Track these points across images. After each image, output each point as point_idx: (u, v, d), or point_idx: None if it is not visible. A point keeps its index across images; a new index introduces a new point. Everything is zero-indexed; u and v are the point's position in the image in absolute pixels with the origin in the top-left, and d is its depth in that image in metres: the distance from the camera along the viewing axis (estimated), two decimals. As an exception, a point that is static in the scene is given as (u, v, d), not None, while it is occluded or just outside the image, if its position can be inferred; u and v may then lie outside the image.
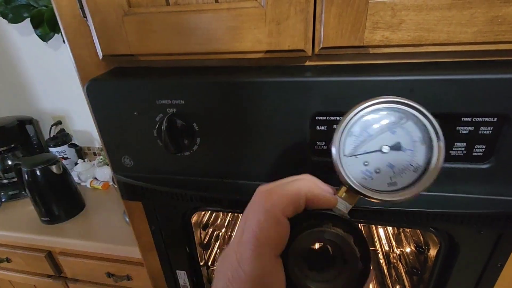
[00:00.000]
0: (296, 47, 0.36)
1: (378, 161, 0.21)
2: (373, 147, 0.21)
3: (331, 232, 0.20)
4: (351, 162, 0.22)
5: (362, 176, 0.22)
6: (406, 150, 0.21)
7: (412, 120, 0.21)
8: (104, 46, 0.40)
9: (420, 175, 0.20)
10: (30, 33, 1.15)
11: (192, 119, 0.39)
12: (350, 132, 0.22)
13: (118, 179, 0.46)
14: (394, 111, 0.21)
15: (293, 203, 0.20)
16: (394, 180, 0.21)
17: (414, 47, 0.34)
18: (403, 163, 0.21)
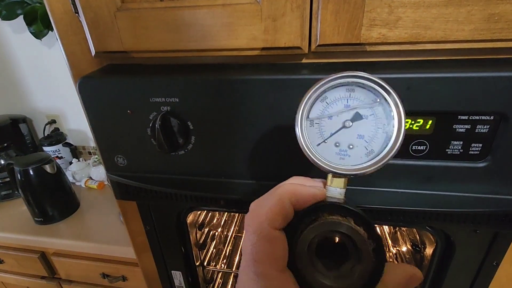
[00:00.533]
0: (293, 44, 0.35)
1: (347, 137, 0.22)
2: (337, 126, 0.22)
3: (328, 222, 0.19)
4: (323, 149, 0.22)
5: (339, 157, 0.22)
6: (366, 116, 0.21)
7: (359, 87, 0.21)
8: (96, 43, 0.40)
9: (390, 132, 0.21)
10: (23, 31, 1.14)
11: (187, 117, 0.38)
12: (310, 122, 0.22)
13: (111, 179, 0.46)
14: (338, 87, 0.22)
15: (279, 213, 0.19)
16: (370, 148, 0.21)
17: (411, 45, 0.33)
18: (370, 129, 0.21)
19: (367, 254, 0.19)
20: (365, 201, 0.39)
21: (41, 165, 0.95)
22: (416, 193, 0.37)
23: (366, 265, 0.19)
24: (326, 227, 0.19)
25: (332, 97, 0.22)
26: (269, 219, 0.19)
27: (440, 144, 0.35)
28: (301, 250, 0.19)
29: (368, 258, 0.19)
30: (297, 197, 0.20)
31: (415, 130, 0.34)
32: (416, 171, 0.36)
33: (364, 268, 0.19)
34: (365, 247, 0.19)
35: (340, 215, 0.20)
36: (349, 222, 0.19)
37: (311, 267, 0.19)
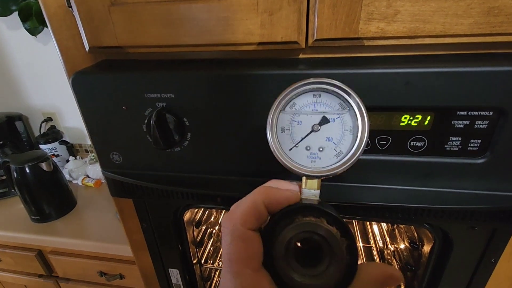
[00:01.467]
0: (289, 39, 0.35)
1: (317, 140, 0.23)
2: (306, 130, 0.23)
3: (302, 223, 0.20)
4: (294, 153, 0.23)
5: (310, 160, 0.23)
6: (333, 119, 0.23)
7: (324, 92, 0.23)
8: (90, 38, 0.39)
9: (356, 133, 0.22)
10: (18, 27, 1.13)
11: (183, 113, 0.38)
12: (281, 128, 0.24)
13: (107, 176, 0.45)
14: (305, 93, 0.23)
15: (252, 215, 0.20)
16: (339, 149, 0.23)
17: (409, 39, 0.33)
18: (337, 131, 0.23)
19: (341, 252, 0.20)
20: (362, 198, 0.39)
21: (37, 163, 0.94)
22: (414, 190, 0.37)
23: (340, 262, 0.20)
24: (300, 228, 0.20)
25: (300, 103, 0.23)
26: (242, 220, 0.20)
27: (438, 140, 0.34)
28: (277, 251, 0.20)
29: (341, 256, 0.20)
30: (270, 199, 0.21)
31: (414, 126, 0.34)
32: (414, 168, 0.36)
33: (338, 266, 0.20)
34: (338, 245, 0.20)
35: (313, 216, 0.20)
36: (322, 222, 0.20)
37: (288, 267, 0.20)
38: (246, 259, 0.19)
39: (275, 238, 0.20)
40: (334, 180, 0.38)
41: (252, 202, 0.20)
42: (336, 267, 0.20)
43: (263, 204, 0.20)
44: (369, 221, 0.85)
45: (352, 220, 0.94)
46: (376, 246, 0.84)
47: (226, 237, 0.20)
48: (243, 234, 0.20)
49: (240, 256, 0.19)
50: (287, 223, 0.20)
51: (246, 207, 0.20)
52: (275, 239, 0.20)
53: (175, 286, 0.64)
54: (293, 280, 0.20)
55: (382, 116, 0.34)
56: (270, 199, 0.21)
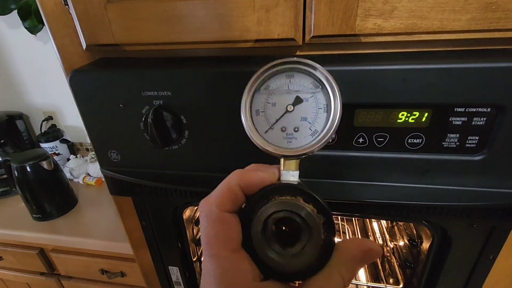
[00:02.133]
0: (286, 35, 0.34)
1: (292, 121, 0.23)
2: (280, 111, 0.23)
3: (278, 202, 0.20)
4: (271, 135, 0.23)
5: (286, 141, 0.23)
6: (307, 99, 0.23)
7: (296, 72, 0.23)
8: (87, 36, 0.39)
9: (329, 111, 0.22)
10: (18, 26, 1.13)
11: (180, 111, 0.38)
12: (256, 111, 0.23)
13: (105, 174, 0.45)
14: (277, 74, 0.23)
15: (227, 197, 0.20)
16: (314, 128, 0.23)
17: (406, 36, 0.33)
18: (311, 110, 0.23)
19: (317, 229, 0.20)
20: (361, 195, 0.38)
21: (38, 161, 0.94)
22: (412, 187, 0.37)
23: (318, 240, 0.20)
24: (277, 207, 0.20)
25: (274, 85, 0.23)
26: (217, 203, 0.20)
27: (436, 137, 0.34)
28: (255, 231, 0.20)
29: (318, 233, 0.20)
30: (245, 182, 0.21)
31: (411, 123, 0.34)
32: (412, 165, 0.36)
33: (316, 243, 0.20)
34: (314, 222, 0.20)
35: (289, 195, 0.20)
36: (297, 200, 0.20)
37: (266, 247, 0.20)
38: (224, 241, 0.20)
39: (253, 218, 0.20)
40: (333, 178, 0.38)
41: (227, 185, 0.20)
42: (314, 245, 0.20)
43: (239, 186, 0.20)
44: (368, 219, 0.85)
45: (352, 217, 0.94)
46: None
47: (203, 220, 0.20)
48: (219, 216, 0.20)
49: (218, 239, 0.19)
50: (264, 203, 0.20)
51: (221, 190, 0.20)
52: (253, 219, 0.20)
53: (175, 283, 0.64)
54: (272, 260, 0.20)
55: (380, 113, 0.34)
56: (245, 181, 0.21)
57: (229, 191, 0.20)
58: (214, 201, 0.20)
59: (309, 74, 0.22)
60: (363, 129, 0.35)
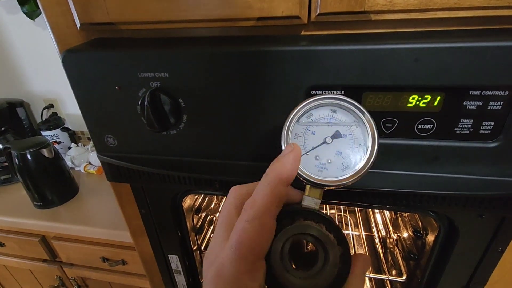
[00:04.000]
0: (291, 13, 0.32)
1: (327, 152, 0.24)
2: (318, 141, 0.24)
3: (303, 225, 0.21)
4: (304, 161, 0.24)
5: (318, 169, 0.24)
6: (345, 135, 0.24)
7: (340, 108, 0.24)
8: (81, 14, 0.37)
9: (365, 152, 0.23)
10: (17, 11, 1.10)
11: (178, 94, 0.36)
12: (295, 135, 0.25)
13: (102, 160, 0.44)
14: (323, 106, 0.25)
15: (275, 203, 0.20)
16: (346, 164, 0.24)
17: (420, 13, 0.31)
18: (347, 147, 0.24)
19: (335, 259, 0.21)
20: (367, 183, 0.37)
21: (38, 149, 0.94)
22: (421, 175, 0.35)
23: (333, 269, 0.21)
24: (300, 229, 0.21)
25: (317, 115, 0.25)
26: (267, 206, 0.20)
27: (448, 123, 0.32)
28: (275, 248, 0.21)
29: (334, 263, 0.21)
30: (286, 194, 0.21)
31: (422, 107, 0.32)
32: (421, 152, 0.34)
33: (330, 272, 0.21)
34: (334, 252, 0.21)
35: (314, 221, 0.21)
36: (321, 227, 0.21)
37: (282, 265, 0.21)
38: (256, 246, 0.20)
39: (276, 235, 0.21)
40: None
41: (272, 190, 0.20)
42: (328, 273, 0.20)
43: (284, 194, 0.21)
44: (374, 208, 0.84)
45: (355, 207, 0.93)
46: (379, 235, 0.83)
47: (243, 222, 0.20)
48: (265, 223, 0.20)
49: (252, 242, 0.20)
50: (288, 223, 0.21)
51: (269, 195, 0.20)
52: (276, 235, 0.21)
53: (175, 271, 0.64)
54: (285, 279, 0.21)
55: (389, 96, 0.32)
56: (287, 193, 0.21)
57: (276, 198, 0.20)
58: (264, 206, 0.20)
59: (352, 113, 0.24)
60: (371, 113, 0.33)
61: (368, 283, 0.78)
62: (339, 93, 0.33)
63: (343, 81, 0.31)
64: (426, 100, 0.32)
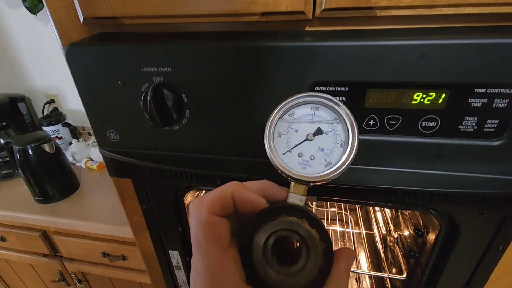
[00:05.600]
0: (295, 8, 0.32)
1: (309, 149, 0.25)
2: (301, 138, 0.25)
3: (285, 221, 0.21)
4: (287, 158, 0.25)
5: (301, 166, 0.25)
6: (327, 132, 0.25)
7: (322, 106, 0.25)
8: (84, 8, 0.37)
9: (345, 148, 0.24)
10: (19, 6, 1.10)
11: (181, 89, 0.36)
12: (278, 133, 0.25)
13: (104, 155, 0.44)
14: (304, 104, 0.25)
15: (218, 201, 0.21)
16: (329, 160, 0.24)
17: (426, 9, 0.30)
18: (329, 143, 0.24)
19: (317, 254, 0.21)
20: (369, 180, 0.37)
21: (39, 144, 0.94)
22: (424, 173, 0.35)
23: (315, 264, 0.21)
24: (282, 225, 0.21)
25: (299, 113, 0.25)
26: (208, 205, 0.21)
27: (452, 120, 0.32)
28: (258, 245, 0.21)
29: (317, 258, 0.21)
30: (239, 194, 0.22)
31: (427, 104, 0.32)
32: (424, 149, 0.34)
33: (313, 268, 0.21)
34: (316, 247, 0.21)
35: (296, 217, 0.22)
36: (303, 223, 0.21)
37: (265, 262, 0.21)
38: (213, 241, 0.21)
39: (257, 232, 0.21)
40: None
41: (222, 191, 0.22)
42: (311, 269, 0.21)
43: (231, 196, 0.22)
44: (376, 206, 0.84)
45: (356, 205, 0.93)
46: (379, 233, 0.84)
47: (193, 220, 0.21)
48: (209, 218, 0.21)
49: (207, 238, 0.21)
50: (271, 219, 0.21)
51: (214, 195, 0.22)
52: (257, 233, 0.21)
53: (175, 267, 0.64)
54: (268, 276, 0.21)
55: (393, 93, 0.32)
56: (238, 194, 0.22)
57: (222, 197, 0.22)
58: (206, 203, 0.21)
59: (333, 110, 0.24)
60: (374, 110, 0.33)
61: (368, 280, 0.78)
62: (343, 89, 0.32)
63: (347, 77, 0.31)
64: (430, 98, 0.31)
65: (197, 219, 0.21)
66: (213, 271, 0.20)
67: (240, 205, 0.22)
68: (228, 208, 0.22)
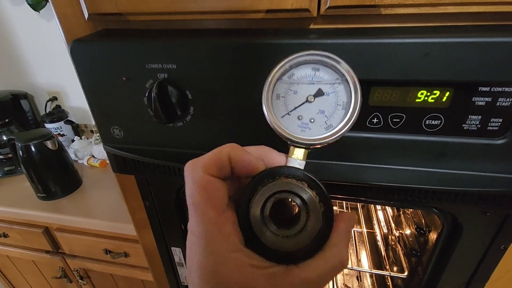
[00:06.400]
0: (300, 6, 0.32)
1: (309, 111, 0.24)
2: (300, 100, 0.24)
3: (284, 182, 0.21)
4: (286, 121, 0.24)
5: (300, 129, 0.24)
6: (328, 93, 0.23)
7: (323, 66, 0.23)
8: (89, 4, 0.37)
9: (347, 110, 0.23)
10: (21, 3, 1.10)
11: (185, 85, 0.36)
12: (277, 95, 0.24)
13: (108, 151, 0.44)
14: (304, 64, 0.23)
15: (214, 162, 0.21)
16: (329, 123, 0.23)
17: (431, 7, 0.30)
18: (330, 105, 0.23)
19: (317, 216, 0.20)
20: (372, 178, 0.37)
21: (42, 141, 0.94)
22: (427, 171, 0.35)
23: (315, 225, 0.20)
24: (281, 187, 0.21)
25: (299, 74, 0.24)
26: (204, 166, 0.20)
27: (456, 119, 0.32)
28: (256, 207, 0.21)
29: (317, 219, 0.20)
30: (235, 156, 0.21)
31: (430, 103, 0.32)
32: (428, 148, 0.34)
33: (313, 228, 0.20)
34: (315, 208, 0.20)
35: (295, 179, 0.21)
36: (303, 185, 0.21)
37: (262, 224, 0.21)
38: (210, 202, 0.20)
39: (256, 193, 0.21)
40: (343, 160, 0.37)
41: (218, 152, 0.21)
42: (310, 230, 0.20)
43: (228, 157, 0.21)
44: (378, 204, 0.84)
45: (357, 203, 0.93)
46: (381, 232, 0.84)
47: (188, 181, 0.21)
48: (205, 178, 0.20)
49: (203, 199, 0.20)
50: (269, 181, 0.21)
51: (210, 156, 0.21)
52: (256, 194, 0.21)
53: (178, 264, 0.64)
54: (266, 238, 0.20)
55: (397, 91, 0.32)
56: (235, 155, 0.21)
57: (218, 158, 0.21)
58: (201, 164, 0.20)
59: (335, 70, 0.23)
60: (378, 108, 0.33)
61: (369, 279, 0.79)
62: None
63: (351, 75, 0.31)
64: (434, 96, 0.31)
65: (192, 180, 0.20)
66: (211, 232, 0.19)
67: (237, 166, 0.21)
68: (224, 169, 0.21)
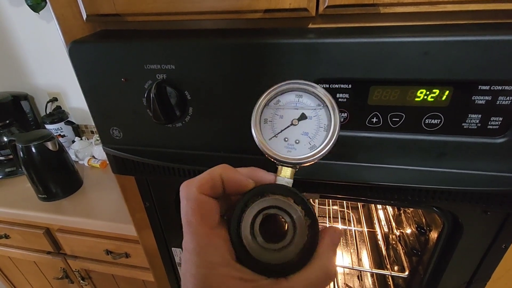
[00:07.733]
0: (299, 5, 0.32)
1: (294, 133, 0.26)
2: (286, 123, 0.26)
3: (271, 199, 0.22)
4: (274, 143, 0.26)
5: (287, 150, 0.26)
6: (311, 117, 0.26)
7: (306, 93, 0.26)
8: (87, 5, 0.37)
9: (328, 131, 0.25)
10: (21, 4, 1.10)
11: (184, 86, 0.36)
12: (264, 119, 0.26)
13: (107, 152, 0.44)
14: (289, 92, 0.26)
15: (207, 182, 0.22)
16: (313, 143, 0.26)
17: (430, 6, 0.30)
18: (313, 127, 0.26)
19: (303, 230, 0.22)
20: (372, 178, 0.37)
21: (42, 142, 0.94)
22: (427, 171, 0.35)
23: (301, 239, 0.21)
24: (269, 203, 0.22)
25: (284, 100, 0.26)
26: (197, 186, 0.22)
27: (456, 118, 0.32)
28: (246, 223, 0.22)
29: (303, 233, 0.22)
30: (227, 176, 0.23)
31: (430, 101, 0.32)
32: (427, 147, 0.34)
33: (299, 242, 0.21)
34: (301, 223, 0.22)
35: (282, 195, 0.23)
36: (289, 200, 0.22)
37: (253, 239, 0.22)
38: (202, 219, 0.21)
39: (245, 209, 0.22)
40: (343, 159, 0.37)
41: (210, 173, 0.23)
42: (297, 244, 0.21)
43: (220, 177, 0.23)
44: (378, 203, 0.84)
45: (358, 203, 0.93)
46: (381, 231, 0.84)
47: (183, 201, 0.22)
48: (198, 197, 0.22)
49: (196, 217, 0.21)
50: (258, 198, 0.22)
51: (203, 176, 0.23)
52: (245, 210, 0.22)
53: (178, 264, 0.64)
54: (256, 252, 0.21)
55: (396, 90, 0.32)
56: (226, 175, 0.23)
57: (211, 178, 0.22)
58: (195, 184, 0.22)
59: (315, 96, 0.25)
60: (377, 108, 0.33)
61: (370, 278, 0.79)
62: (346, 86, 0.32)
63: (350, 74, 0.31)
64: (434, 95, 0.31)
65: (187, 199, 0.22)
66: (203, 248, 0.21)
67: (228, 185, 0.23)
68: (217, 188, 0.22)
